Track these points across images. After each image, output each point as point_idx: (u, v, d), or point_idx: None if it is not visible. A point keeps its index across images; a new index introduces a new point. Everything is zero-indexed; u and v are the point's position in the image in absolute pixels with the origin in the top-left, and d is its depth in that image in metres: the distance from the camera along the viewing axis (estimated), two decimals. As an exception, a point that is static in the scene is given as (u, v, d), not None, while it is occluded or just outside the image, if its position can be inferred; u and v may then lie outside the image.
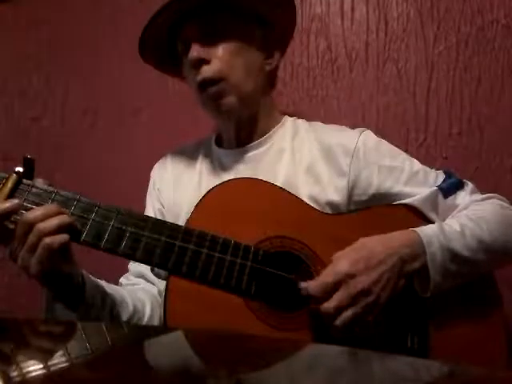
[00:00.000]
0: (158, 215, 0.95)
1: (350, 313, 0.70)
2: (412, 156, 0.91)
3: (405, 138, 1.23)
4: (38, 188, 0.74)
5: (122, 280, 0.96)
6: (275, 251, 0.77)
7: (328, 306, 0.70)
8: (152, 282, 0.93)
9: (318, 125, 0.95)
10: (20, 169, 0.74)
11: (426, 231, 0.76)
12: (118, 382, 0.45)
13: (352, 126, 0.95)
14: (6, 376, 0.45)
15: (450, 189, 0.85)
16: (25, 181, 0.74)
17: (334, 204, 0.85)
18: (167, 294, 0.74)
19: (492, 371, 0.56)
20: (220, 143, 0.98)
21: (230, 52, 0.85)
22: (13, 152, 1.55)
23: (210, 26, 0.85)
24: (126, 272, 0.97)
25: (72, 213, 0.73)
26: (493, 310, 0.80)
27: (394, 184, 0.85)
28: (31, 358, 0.51)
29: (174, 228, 0.75)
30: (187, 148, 1.02)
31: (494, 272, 0.83)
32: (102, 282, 0.84)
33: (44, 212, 0.69)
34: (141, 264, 0.92)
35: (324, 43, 1.32)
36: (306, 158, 0.88)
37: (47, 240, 0.67)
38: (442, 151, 1.21)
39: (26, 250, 0.68)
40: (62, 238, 0.69)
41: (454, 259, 0.75)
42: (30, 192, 0.73)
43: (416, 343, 0.77)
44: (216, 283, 0.74)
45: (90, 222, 0.73)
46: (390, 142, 0.92)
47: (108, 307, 0.81)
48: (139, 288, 0.93)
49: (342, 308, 0.70)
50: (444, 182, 0.85)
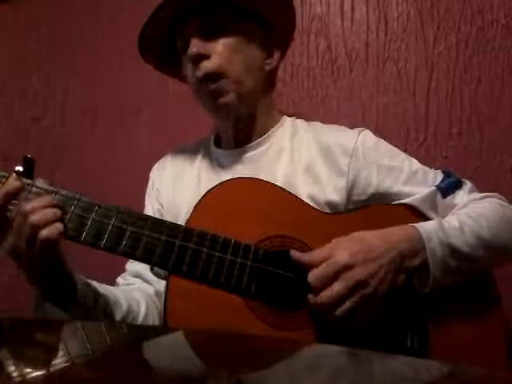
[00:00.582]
0: (157, 215, 0.95)
1: (346, 305, 0.70)
2: (412, 156, 0.91)
3: (405, 137, 1.23)
4: (38, 187, 0.74)
5: (118, 280, 0.96)
6: (275, 250, 0.77)
7: (325, 295, 0.70)
8: (149, 282, 0.93)
9: (317, 125, 0.95)
10: (20, 168, 0.74)
11: (426, 227, 0.76)
12: (118, 381, 0.45)
13: (352, 125, 0.94)
14: (6, 376, 0.45)
15: (448, 188, 0.85)
16: (25, 180, 0.74)
17: (333, 204, 0.85)
18: (167, 294, 0.74)
19: (492, 371, 0.56)
20: (219, 144, 0.98)
21: (230, 48, 0.85)
22: (13, 152, 1.55)
23: (210, 23, 0.85)
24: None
25: (72, 212, 0.73)
26: (492, 309, 0.80)
27: (393, 184, 0.85)
28: (31, 358, 0.51)
29: (174, 227, 0.75)
30: (186, 148, 1.02)
31: (493, 271, 0.83)
32: (94, 282, 0.83)
33: (36, 204, 0.69)
34: (138, 264, 0.92)
35: (324, 43, 1.32)
36: (305, 158, 0.88)
37: (44, 232, 0.68)
38: (442, 151, 1.21)
39: (24, 244, 0.68)
40: (58, 227, 0.69)
41: (453, 255, 0.75)
42: (30, 191, 0.73)
43: (416, 343, 0.77)
44: (216, 283, 0.74)
45: (90, 222, 0.73)
46: (389, 141, 0.92)
47: (101, 306, 0.81)
48: (135, 288, 0.92)
49: (339, 298, 0.70)
50: (443, 181, 0.85)
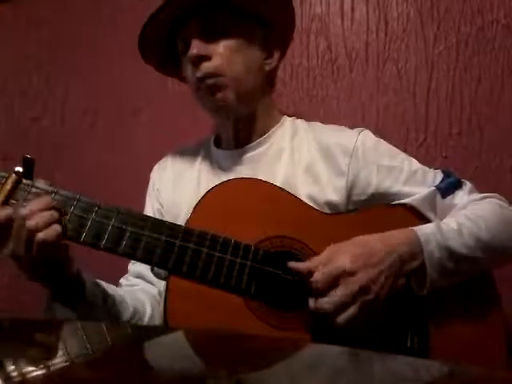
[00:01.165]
0: (158, 216, 0.95)
1: (348, 311, 0.70)
2: (412, 156, 0.91)
3: (405, 137, 1.23)
4: (37, 188, 0.74)
5: (121, 281, 0.96)
6: (275, 251, 0.77)
7: (327, 303, 0.70)
8: (151, 283, 0.93)
9: (317, 125, 0.95)
10: (20, 169, 0.74)
11: (424, 230, 0.76)
12: (118, 381, 0.45)
13: (352, 126, 0.94)
14: (6, 376, 0.45)
15: (448, 188, 0.85)
16: (24, 181, 0.74)
17: (333, 204, 0.85)
18: (167, 294, 0.74)
19: (492, 371, 0.56)
20: (219, 144, 0.98)
21: (231, 49, 0.85)
22: (13, 152, 1.55)
23: (211, 24, 0.85)
24: (126, 272, 0.98)
25: (72, 212, 0.73)
26: (492, 309, 0.80)
27: (393, 184, 0.85)
28: (31, 358, 0.51)
29: (174, 227, 0.75)
30: (187, 149, 1.02)
31: (493, 271, 0.83)
32: (102, 283, 0.84)
33: (34, 207, 0.69)
34: (140, 265, 0.92)
35: (324, 43, 1.32)
36: (305, 158, 0.88)
37: (41, 235, 0.67)
38: (442, 151, 1.21)
39: (22, 248, 0.68)
40: (55, 229, 0.69)
41: (451, 257, 0.75)
42: (29, 192, 0.73)
43: (416, 343, 0.77)
44: (216, 283, 0.74)
45: (89, 222, 0.73)
46: (389, 142, 0.92)
47: (108, 307, 0.81)
48: (138, 289, 0.93)
49: (342, 305, 0.70)
50: (442, 181, 0.85)
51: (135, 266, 0.95)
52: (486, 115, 1.18)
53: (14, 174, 0.73)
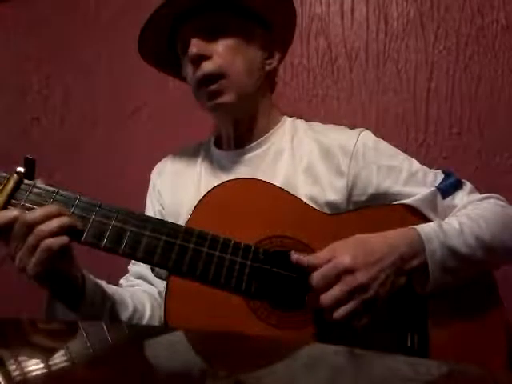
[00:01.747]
0: (158, 216, 0.95)
1: (347, 307, 0.70)
2: (412, 156, 0.91)
3: (405, 137, 1.23)
4: (38, 188, 0.74)
5: (121, 281, 0.96)
6: (275, 251, 0.77)
7: (326, 298, 0.70)
8: (152, 283, 0.93)
9: (317, 125, 0.95)
10: (21, 169, 0.73)
11: (425, 229, 0.76)
12: (118, 381, 0.45)
13: (352, 126, 0.94)
14: (7, 375, 0.45)
15: (448, 189, 0.85)
16: (26, 181, 0.74)
17: (333, 204, 0.85)
18: (167, 294, 0.74)
19: (492, 371, 0.56)
20: (219, 145, 0.98)
21: (231, 48, 0.85)
22: (13, 152, 1.55)
23: (211, 23, 0.85)
24: (127, 272, 0.98)
25: (73, 212, 0.73)
26: (492, 309, 0.80)
27: (393, 184, 0.85)
28: (32, 358, 0.51)
29: (175, 228, 0.75)
30: (187, 150, 1.02)
31: (494, 271, 0.83)
32: (102, 283, 0.84)
33: (44, 213, 0.68)
34: (141, 265, 0.93)
35: (324, 43, 1.32)
36: (305, 159, 0.88)
37: (47, 242, 0.67)
38: (442, 151, 1.21)
39: (25, 251, 0.67)
40: (62, 239, 0.68)
41: (453, 256, 0.75)
42: (31, 192, 0.73)
43: (416, 342, 0.77)
44: (216, 282, 0.74)
45: (90, 222, 0.73)
46: (389, 142, 0.92)
47: (108, 307, 0.81)
48: (139, 289, 0.93)
49: (339, 301, 0.70)
50: (443, 182, 0.85)
51: (136, 267, 0.95)
52: (485, 115, 1.18)
53: (16, 175, 0.73)
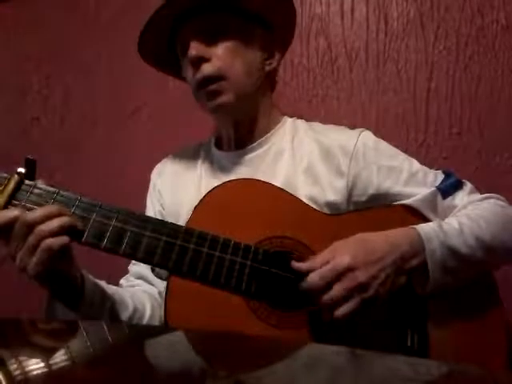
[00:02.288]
0: (159, 217, 0.95)
1: (347, 306, 0.70)
2: (412, 156, 0.91)
3: (405, 137, 1.23)
4: (39, 188, 0.74)
5: (122, 281, 0.96)
6: (275, 251, 0.77)
7: (326, 297, 0.70)
8: (152, 283, 0.93)
9: (318, 125, 0.95)
10: (22, 170, 0.73)
11: (425, 229, 0.76)
12: (118, 381, 0.45)
13: (352, 126, 0.95)
14: (7, 375, 0.45)
15: (448, 189, 0.85)
16: (27, 181, 0.74)
17: (333, 204, 0.85)
18: (167, 294, 0.74)
19: (492, 371, 0.56)
20: (220, 145, 0.98)
21: (230, 51, 0.85)
22: (13, 152, 1.55)
23: (210, 25, 0.85)
24: (127, 273, 0.98)
25: (73, 213, 0.73)
26: (492, 309, 0.80)
27: (394, 184, 0.85)
28: (32, 357, 0.51)
29: (175, 228, 0.75)
30: (187, 150, 1.02)
31: (494, 272, 0.83)
32: (102, 283, 0.84)
33: (44, 213, 0.68)
34: (141, 265, 0.93)
35: (324, 43, 1.32)
36: (306, 159, 0.88)
37: (47, 242, 0.67)
38: (442, 151, 1.21)
39: (25, 251, 0.67)
40: (62, 239, 0.68)
41: (453, 256, 0.75)
42: (31, 193, 0.73)
43: (416, 342, 0.77)
44: (216, 283, 0.74)
45: (91, 222, 0.73)
46: (389, 142, 0.92)
47: (107, 307, 0.81)
48: (139, 289, 0.93)
49: (339, 300, 0.70)
50: (443, 182, 0.85)
51: (136, 267, 0.95)
52: (485, 115, 1.18)
53: (17, 175, 0.73)
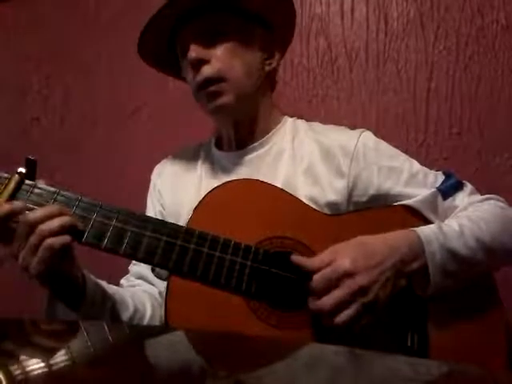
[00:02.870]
0: (159, 217, 0.95)
1: (348, 311, 0.70)
2: (412, 156, 0.91)
3: (405, 138, 1.23)
4: (40, 188, 0.74)
5: (122, 281, 0.96)
6: (275, 251, 0.77)
7: (326, 302, 0.70)
8: (152, 283, 0.93)
9: (318, 125, 0.95)
10: (22, 169, 0.74)
11: (425, 231, 0.76)
12: (118, 381, 0.45)
13: (352, 126, 0.95)
14: (8, 374, 0.45)
15: (449, 190, 0.85)
16: (27, 181, 0.74)
17: (333, 205, 0.85)
18: (168, 294, 0.74)
19: (492, 371, 0.56)
20: (220, 146, 0.98)
21: (230, 51, 0.85)
22: (13, 152, 1.55)
23: (210, 25, 0.85)
24: (127, 273, 0.98)
25: (74, 213, 0.73)
26: (492, 310, 0.80)
27: (394, 185, 0.85)
28: (33, 357, 0.51)
29: (175, 228, 0.75)
30: (188, 150, 1.02)
31: (494, 273, 0.83)
32: (103, 283, 0.84)
33: (45, 213, 0.69)
34: (141, 265, 0.93)
35: (324, 43, 1.32)
36: (306, 159, 0.88)
37: (48, 241, 0.67)
38: (442, 151, 1.21)
39: (27, 250, 0.68)
40: (64, 239, 0.69)
41: (453, 259, 0.75)
42: (32, 192, 0.73)
43: (416, 342, 0.77)
44: (216, 283, 0.74)
45: (91, 222, 0.73)
46: (389, 142, 0.92)
47: (108, 307, 0.81)
48: (140, 289, 0.93)
49: (340, 305, 0.70)
50: (443, 183, 0.85)
51: (136, 267, 0.95)
52: (485, 115, 1.18)
53: (17, 175, 0.73)
